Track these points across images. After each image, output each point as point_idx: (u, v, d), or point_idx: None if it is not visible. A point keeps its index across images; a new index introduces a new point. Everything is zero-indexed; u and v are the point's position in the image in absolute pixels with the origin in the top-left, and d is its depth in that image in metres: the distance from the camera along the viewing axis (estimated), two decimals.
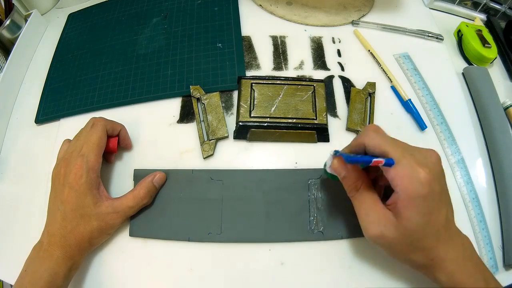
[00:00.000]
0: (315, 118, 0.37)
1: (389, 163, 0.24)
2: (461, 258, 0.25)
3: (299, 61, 0.44)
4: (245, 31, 0.46)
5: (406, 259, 0.26)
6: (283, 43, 0.46)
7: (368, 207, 0.27)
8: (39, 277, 0.28)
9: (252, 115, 0.37)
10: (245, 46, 0.45)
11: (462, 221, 0.35)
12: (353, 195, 0.28)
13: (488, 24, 0.50)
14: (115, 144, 0.36)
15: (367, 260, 0.33)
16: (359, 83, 0.42)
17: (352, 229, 0.33)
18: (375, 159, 0.24)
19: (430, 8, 0.51)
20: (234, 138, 0.38)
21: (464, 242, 0.26)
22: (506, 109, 0.41)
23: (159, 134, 0.39)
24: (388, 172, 0.25)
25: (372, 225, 0.26)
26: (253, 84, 0.39)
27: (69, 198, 0.30)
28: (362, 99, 0.40)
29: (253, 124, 0.37)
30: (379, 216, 0.26)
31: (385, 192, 0.30)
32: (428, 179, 0.23)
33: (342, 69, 0.44)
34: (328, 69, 0.43)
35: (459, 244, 0.26)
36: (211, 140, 0.38)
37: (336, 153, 0.28)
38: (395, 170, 0.24)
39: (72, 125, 0.40)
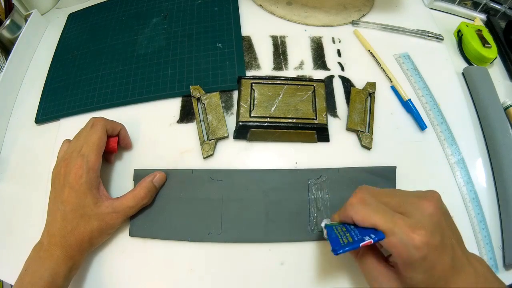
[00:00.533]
0: (315, 118, 0.37)
1: (379, 238, 0.23)
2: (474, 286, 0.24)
3: (299, 61, 0.44)
4: (245, 31, 0.46)
5: None
6: (283, 43, 0.46)
7: (371, 267, 0.26)
8: (39, 277, 0.28)
9: (252, 115, 0.37)
10: (245, 46, 0.45)
11: (462, 221, 0.35)
12: (356, 257, 0.28)
13: (488, 24, 0.50)
14: (115, 143, 0.35)
15: None
16: (359, 83, 0.42)
17: None
18: (362, 243, 0.23)
19: (430, 8, 0.51)
20: (234, 138, 0.38)
21: (476, 269, 0.25)
22: (506, 109, 0.41)
23: (159, 134, 0.39)
24: (383, 243, 0.24)
25: (377, 284, 0.26)
26: (253, 84, 0.39)
27: (69, 198, 0.30)
28: (362, 99, 0.40)
29: (253, 124, 0.37)
30: (382, 276, 0.25)
31: None
32: (424, 241, 0.22)
33: (342, 69, 0.44)
34: (328, 69, 0.43)
35: (471, 274, 0.25)
36: (211, 140, 0.38)
37: (326, 227, 0.28)
38: (388, 241, 0.23)
39: (72, 125, 0.40)
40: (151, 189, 0.33)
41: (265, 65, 0.44)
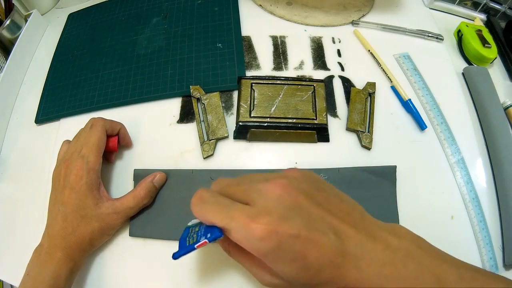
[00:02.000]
0: (315, 118, 0.37)
1: (215, 237, 0.21)
2: (390, 266, 0.20)
3: (299, 61, 0.44)
4: (245, 31, 0.46)
5: None
6: (283, 43, 0.46)
7: (247, 265, 0.24)
8: (41, 281, 0.28)
9: (252, 115, 0.37)
10: (245, 46, 0.45)
11: (462, 221, 0.35)
12: (231, 256, 0.25)
13: (488, 24, 0.50)
14: (115, 143, 0.36)
15: None
16: (359, 83, 0.42)
17: None
18: (197, 244, 0.22)
19: (430, 8, 0.51)
20: (234, 138, 0.38)
21: (389, 245, 0.20)
22: (506, 109, 0.41)
23: (159, 134, 0.39)
24: (232, 239, 0.21)
25: (259, 278, 0.23)
26: (253, 84, 0.39)
27: (69, 199, 0.30)
28: (362, 99, 0.40)
29: (253, 124, 0.37)
30: (262, 273, 0.22)
31: None
32: (270, 229, 0.19)
33: (342, 69, 0.44)
34: (328, 69, 0.43)
35: (378, 254, 0.20)
36: (211, 140, 0.38)
37: (185, 228, 0.27)
38: (232, 237, 0.21)
39: (72, 125, 0.40)
40: (151, 189, 0.33)
41: (265, 65, 0.44)
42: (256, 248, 0.20)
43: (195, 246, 0.22)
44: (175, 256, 0.23)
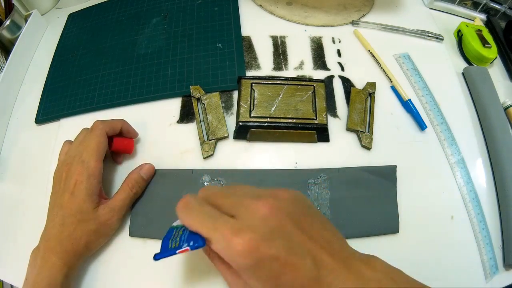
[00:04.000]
0: (315, 118, 0.37)
1: (198, 246, 0.21)
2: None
3: (299, 61, 0.44)
4: (245, 31, 0.46)
5: None
6: (283, 43, 0.46)
7: (223, 272, 0.24)
8: (37, 287, 0.28)
9: (252, 115, 0.37)
10: (245, 46, 0.45)
11: (462, 221, 0.35)
12: (211, 259, 0.25)
13: (488, 24, 0.50)
14: (131, 147, 0.37)
15: None
16: (359, 83, 0.42)
17: (352, 229, 0.33)
18: (179, 250, 0.22)
19: (430, 8, 0.51)
20: (234, 138, 0.38)
21: (363, 276, 0.21)
22: (506, 109, 0.41)
23: (159, 134, 0.39)
24: (213, 248, 0.22)
25: (234, 287, 0.24)
26: (253, 84, 0.39)
27: (68, 203, 0.30)
28: (362, 99, 0.40)
29: (253, 124, 0.37)
30: (234, 282, 0.23)
31: None
32: (250, 246, 0.19)
33: (342, 69, 0.44)
34: (328, 69, 0.43)
35: (350, 281, 0.20)
36: (211, 140, 0.38)
37: (169, 228, 0.27)
38: (213, 247, 0.21)
39: (72, 125, 0.40)
40: (138, 180, 0.34)
41: (265, 65, 0.44)
42: (235, 262, 0.20)
43: (177, 251, 0.22)
44: (157, 257, 0.23)
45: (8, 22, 0.46)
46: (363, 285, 0.20)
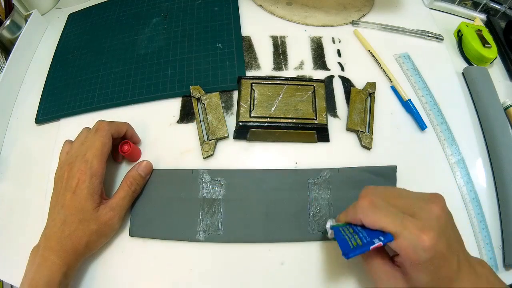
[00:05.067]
0: (315, 118, 0.37)
1: (388, 240, 0.24)
2: (478, 284, 0.25)
3: (299, 61, 0.44)
4: (245, 31, 0.46)
5: None
6: (283, 43, 0.46)
7: (377, 267, 0.26)
8: (35, 285, 0.28)
9: (252, 115, 0.37)
10: (245, 46, 0.45)
11: (462, 221, 0.35)
12: (362, 256, 0.28)
13: (488, 24, 0.50)
14: (138, 153, 0.38)
15: None
16: (359, 83, 0.42)
17: None
18: (372, 246, 0.24)
19: (430, 8, 0.51)
20: (234, 138, 0.38)
21: (477, 271, 0.26)
22: (506, 109, 0.41)
23: (159, 134, 0.39)
24: (391, 244, 0.24)
25: (382, 284, 0.26)
26: (253, 84, 0.39)
27: (70, 203, 0.30)
28: (362, 99, 0.40)
29: (253, 124, 0.37)
30: (388, 276, 0.26)
31: None
32: (433, 243, 0.23)
33: (342, 69, 0.44)
34: (328, 69, 0.43)
35: (473, 276, 0.25)
36: (211, 140, 0.38)
37: (332, 228, 0.28)
38: (397, 243, 0.24)
39: (72, 125, 0.41)
40: (136, 177, 0.34)
41: (265, 65, 0.44)
42: (417, 255, 0.23)
43: (371, 247, 0.24)
44: (350, 255, 0.24)
45: (8, 22, 0.46)
46: (480, 279, 0.25)
